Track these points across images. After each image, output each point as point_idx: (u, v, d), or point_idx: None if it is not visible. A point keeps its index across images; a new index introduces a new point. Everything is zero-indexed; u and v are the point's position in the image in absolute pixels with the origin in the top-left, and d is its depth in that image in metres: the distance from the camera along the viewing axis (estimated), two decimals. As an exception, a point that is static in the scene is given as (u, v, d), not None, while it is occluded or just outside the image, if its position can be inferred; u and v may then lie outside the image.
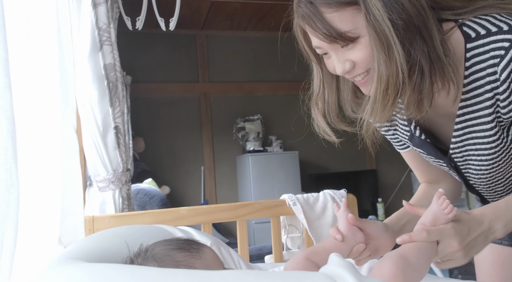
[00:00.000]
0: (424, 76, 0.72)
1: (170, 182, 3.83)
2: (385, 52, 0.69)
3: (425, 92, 0.73)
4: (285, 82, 4.41)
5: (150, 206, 2.33)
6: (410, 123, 0.89)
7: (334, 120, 0.88)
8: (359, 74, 0.77)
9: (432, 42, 0.71)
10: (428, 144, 0.88)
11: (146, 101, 3.99)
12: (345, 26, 0.71)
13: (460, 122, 0.81)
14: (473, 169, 0.87)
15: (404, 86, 0.71)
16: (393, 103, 0.73)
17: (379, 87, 0.72)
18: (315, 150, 4.41)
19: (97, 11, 1.37)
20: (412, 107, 0.75)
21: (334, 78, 0.87)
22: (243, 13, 3.84)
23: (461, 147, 0.85)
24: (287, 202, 1.50)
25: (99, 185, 1.49)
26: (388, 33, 0.69)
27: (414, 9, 0.69)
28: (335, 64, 0.77)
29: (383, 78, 0.71)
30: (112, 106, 1.50)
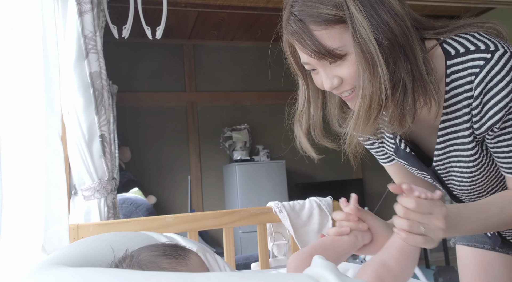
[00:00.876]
0: (407, 93, 0.74)
1: (157, 192, 3.80)
2: (370, 71, 0.71)
3: (408, 109, 0.75)
4: (272, 92, 4.45)
5: (136, 215, 2.31)
6: (395, 137, 0.91)
7: (318, 135, 0.90)
8: (346, 90, 0.79)
9: (415, 61, 0.73)
10: (412, 156, 0.90)
11: (132, 111, 3.98)
12: (334, 44, 0.73)
13: (442, 135, 0.84)
14: (456, 181, 0.89)
15: (387, 103, 0.73)
16: (376, 119, 0.75)
17: (362, 103, 0.74)
18: (302, 159, 4.42)
19: (83, 19, 1.37)
20: (395, 123, 0.76)
21: (320, 94, 0.89)
22: (230, 23, 3.88)
23: (444, 159, 0.87)
24: (273, 209, 1.50)
25: (84, 194, 1.48)
26: (373, 52, 0.70)
27: (399, 29, 0.72)
28: (323, 80, 0.79)
29: (366, 96, 0.73)
30: (98, 114, 1.49)
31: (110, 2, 1.72)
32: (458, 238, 1.15)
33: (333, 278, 0.48)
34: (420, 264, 4.08)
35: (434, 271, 3.69)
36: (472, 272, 1.08)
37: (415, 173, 0.98)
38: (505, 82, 0.72)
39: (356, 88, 0.77)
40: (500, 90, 0.72)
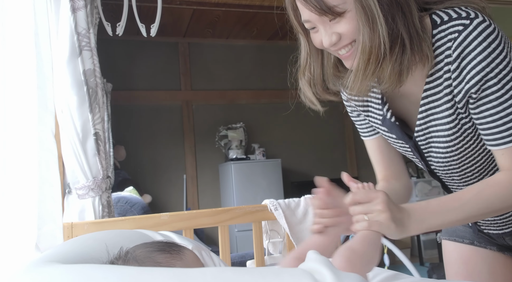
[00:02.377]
0: (405, 49, 0.78)
1: (152, 191, 3.79)
2: (369, 26, 0.76)
3: (405, 64, 0.79)
4: (268, 90, 4.44)
5: (131, 214, 2.30)
6: (384, 106, 0.94)
7: (319, 91, 0.94)
8: (344, 46, 0.82)
9: (412, 18, 0.78)
10: (397, 127, 0.93)
11: (127, 109, 3.96)
12: (334, 1, 0.77)
13: (424, 104, 0.86)
14: (434, 152, 0.91)
15: (385, 57, 0.77)
16: (374, 72, 0.79)
17: (362, 56, 0.78)
18: (298, 157, 4.44)
19: (76, 16, 1.36)
20: (393, 77, 0.80)
21: (319, 53, 0.93)
22: (226, 21, 3.87)
23: (424, 129, 0.89)
24: (269, 207, 1.50)
25: (78, 193, 1.47)
26: (373, 7, 0.75)
27: None
28: (322, 36, 0.83)
29: (366, 49, 0.77)
30: (92, 112, 1.48)
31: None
32: (442, 232, 1.16)
33: (328, 273, 0.48)
34: (414, 261, 4.10)
35: (428, 268, 3.71)
36: (454, 266, 1.10)
37: (397, 146, 0.99)
38: (482, 47, 0.75)
39: (354, 45, 0.81)
40: (476, 54, 0.76)
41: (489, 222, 1.01)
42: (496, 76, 0.76)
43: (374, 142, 1.05)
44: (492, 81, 0.76)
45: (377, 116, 0.97)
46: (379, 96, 0.94)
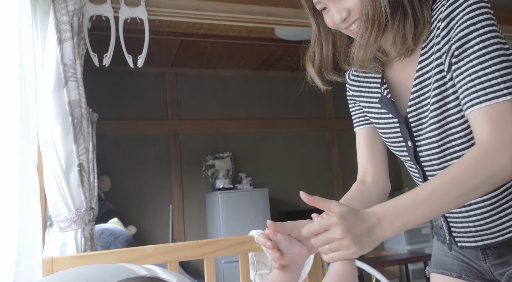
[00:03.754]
0: (407, 14, 0.84)
1: (137, 222, 3.72)
2: None
3: (408, 28, 0.84)
4: (255, 120, 4.47)
5: (114, 247, 2.24)
6: (382, 85, 0.98)
7: (329, 73, 0.98)
8: (353, 21, 0.88)
9: None
10: (392, 103, 0.95)
11: (113, 139, 3.93)
12: None
13: (418, 77, 0.89)
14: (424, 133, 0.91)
15: (387, 24, 0.83)
16: (376, 38, 0.84)
17: (365, 24, 0.84)
18: (285, 187, 4.42)
19: (62, 47, 1.37)
20: (398, 43, 0.86)
21: (330, 33, 0.98)
22: (213, 52, 3.92)
23: (417, 103, 0.91)
24: (255, 238, 1.48)
25: (60, 225, 1.43)
26: None
27: None
28: (333, 13, 0.89)
29: (369, 17, 0.83)
30: (76, 143, 1.46)
31: (92, 30, 1.72)
32: (431, 265, 1.14)
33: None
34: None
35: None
36: None
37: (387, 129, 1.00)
38: (470, 8, 0.79)
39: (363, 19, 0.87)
40: (464, 14, 0.79)
41: (463, 230, 0.99)
42: (479, 36, 0.78)
43: (365, 132, 1.07)
44: (474, 41, 0.78)
45: (373, 99, 1.01)
46: (379, 78, 0.99)
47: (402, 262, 3.64)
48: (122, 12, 1.71)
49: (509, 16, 2.40)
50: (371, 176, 1.05)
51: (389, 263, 3.71)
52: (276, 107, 4.57)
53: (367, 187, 1.02)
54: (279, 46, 3.80)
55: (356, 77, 1.07)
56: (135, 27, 1.97)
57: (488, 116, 0.75)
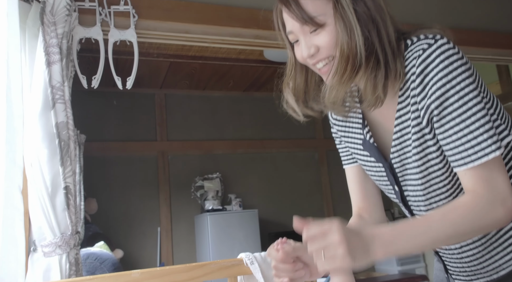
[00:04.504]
0: (379, 63, 0.83)
1: (125, 245, 3.65)
2: (348, 34, 0.82)
3: (379, 78, 0.83)
4: (244, 141, 4.47)
5: (100, 271, 2.19)
6: (364, 128, 0.97)
7: (299, 105, 0.97)
8: (321, 59, 0.87)
9: (388, 37, 0.84)
10: (375, 148, 0.95)
11: (100, 160, 3.89)
12: (315, 12, 0.84)
13: (397, 124, 0.89)
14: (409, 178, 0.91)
15: (361, 66, 0.82)
16: (349, 79, 0.83)
17: (340, 62, 0.83)
18: (275, 207, 4.40)
19: (51, 69, 1.36)
20: (369, 93, 0.84)
21: (304, 69, 0.97)
22: (202, 73, 3.94)
23: (399, 150, 0.90)
24: (245, 261, 1.46)
25: (44, 250, 1.40)
26: (351, 19, 0.82)
27: (374, 7, 0.84)
28: (302, 48, 0.88)
29: (344, 55, 0.82)
30: (63, 166, 1.44)
31: (81, 52, 1.72)
32: None
33: None
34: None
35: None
36: None
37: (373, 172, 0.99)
38: (444, 64, 0.79)
39: (331, 60, 0.86)
40: (438, 71, 0.79)
41: (458, 270, 0.99)
42: (457, 93, 0.78)
43: (354, 170, 1.07)
44: (452, 98, 0.78)
45: (357, 141, 1.00)
46: (360, 119, 0.97)
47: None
48: (112, 34, 1.72)
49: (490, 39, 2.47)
50: (366, 212, 1.05)
51: (379, 285, 3.68)
52: (265, 128, 4.58)
53: (365, 221, 1.03)
54: (268, 68, 3.84)
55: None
56: (125, 49, 1.97)
57: (479, 172, 0.78)
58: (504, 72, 3.72)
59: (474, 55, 2.47)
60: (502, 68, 3.73)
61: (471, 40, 2.42)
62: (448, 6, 2.44)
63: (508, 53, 2.53)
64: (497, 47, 2.48)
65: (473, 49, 2.42)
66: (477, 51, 2.44)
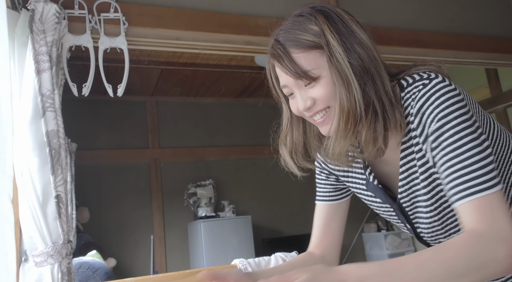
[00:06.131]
0: (377, 116, 0.82)
1: (117, 254, 3.61)
2: (346, 87, 0.80)
3: (379, 130, 0.82)
4: (237, 147, 4.47)
5: (93, 281, 2.17)
6: (366, 170, 0.95)
7: (299, 159, 0.95)
8: (318, 111, 0.85)
9: (384, 88, 0.83)
10: (381, 190, 0.93)
11: (92, 169, 3.86)
12: (309, 65, 0.82)
13: (403, 164, 0.88)
14: (420, 213, 0.90)
15: (361, 119, 0.81)
16: (353, 132, 0.82)
17: (341, 117, 0.81)
18: (268, 214, 4.39)
19: (40, 77, 1.35)
20: (369, 144, 0.83)
21: (300, 121, 0.95)
22: (194, 80, 3.94)
23: (408, 190, 0.89)
24: (238, 267, 1.45)
25: (35, 260, 1.38)
26: (347, 72, 0.80)
27: (367, 57, 0.82)
28: (298, 101, 0.86)
29: (344, 109, 0.81)
30: (54, 174, 1.43)
31: (71, 60, 1.71)
32: None
33: None
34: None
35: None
36: None
37: (382, 210, 0.98)
38: (439, 101, 0.78)
39: (328, 111, 0.84)
40: (434, 108, 0.78)
41: None
42: (453, 128, 0.76)
43: (325, 209, 1.06)
44: (448, 133, 0.77)
45: (359, 181, 0.97)
46: (361, 161, 0.95)
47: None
48: (102, 42, 1.71)
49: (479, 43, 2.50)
50: (320, 251, 1.03)
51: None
52: (257, 134, 4.59)
53: (313, 260, 0.99)
54: (259, 74, 3.85)
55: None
56: (115, 57, 1.97)
57: (478, 208, 0.73)
58: (493, 76, 3.78)
59: (464, 59, 2.50)
60: (491, 72, 3.78)
61: (460, 44, 2.45)
62: (438, 11, 2.47)
63: (497, 57, 2.56)
64: (486, 51, 2.51)
65: (462, 53, 2.45)
66: (466, 55, 2.47)
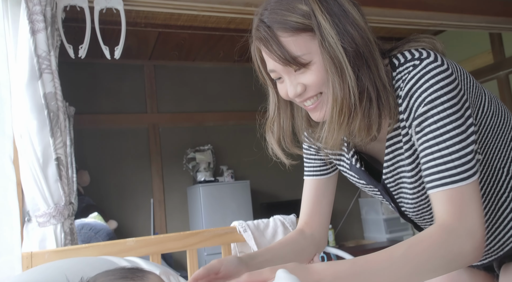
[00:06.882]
0: (372, 103, 0.77)
1: (118, 216, 3.68)
2: (339, 75, 0.74)
3: (373, 118, 0.78)
4: (235, 112, 4.46)
5: (95, 241, 2.22)
6: (349, 152, 0.92)
7: (288, 144, 0.91)
8: (309, 97, 0.80)
9: (378, 72, 0.77)
10: (363, 172, 0.91)
11: (91, 133, 3.87)
12: (299, 51, 0.76)
13: (389, 146, 0.85)
14: (405, 193, 0.89)
15: (355, 109, 0.76)
16: (347, 123, 0.77)
17: (335, 107, 0.76)
18: (266, 179, 4.44)
19: (35, 38, 1.33)
20: (363, 132, 0.79)
21: (288, 105, 0.91)
22: (192, 44, 3.88)
23: (393, 171, 0.87)
24: (238, 229, 1.48)
25: (38, 220, 1.41)
26: (341, 58, 0.74)
27: (362, 40, 0.76)
28: (287, 87, 0.81)
29: (338, 99, 0.75)
30: (53, 137, 1.43)
31: (66, 22, 1.68)
32: None
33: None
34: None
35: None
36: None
37: (367, 189, 0.97)
38: (428, 84, 0.74)
39: (321, 96, 0.80)
40: (422, 91, 0.74)
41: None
42: (438, 114, 0.73)
43: (313, 184, 1.02)
44: (432, 119, 0.74)
45: (345, 160, 0.96)
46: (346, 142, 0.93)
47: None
48: (97, 2, 1.67)
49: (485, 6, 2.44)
50: (310, 229, 1.02)
51: (369, 252, 3.75)
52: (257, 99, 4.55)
53: (303, 239, 0.99)
54: (259, 38, 3.79)
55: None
56: (111, 19, 1.93)
57: (451, 198, 0.72)
58: (497, 40, 3.71)
59: (468, 23, 2.45)
60: (495, 37, 3.71)
61: (465, 7, 2.40)
62: (440, -28, 2.41)
63: (502, 20, 2.51)
64: (491, 14, 2.46)
65: (467, 16, 2.40)
66: (471, 18, 2.42)
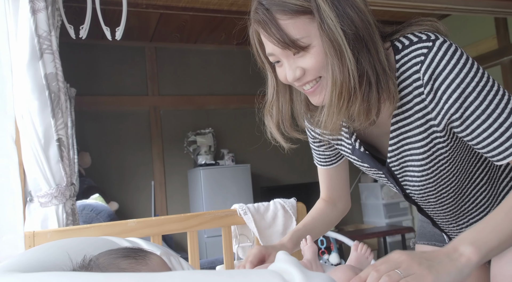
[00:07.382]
0: (371, 87, 0.77)
1: (119, 198, 3.71)
2: (338, 58, 0.74)
3: (373, 102, 0.77)
4: (237, 96, 4.44)
5: (96, 222, 2.24)
6: (351, 137, 0.92)
7: (287, 128, 0.91)
8: (308, 81, 0.80)
9: (377, 56, 0.77)
10: (367, 156, 0.92)
11: (92, 115, 3.87)
12: (298, 34, 0.75)
13: (394, 130, 0.85)
14: (410, 176, 0.89)
15: (355, 93, 0.76)
16: (347, 107, 0.77)
17: (334, 90, 0.76)
18: (267, 163, 4.45)
19: (36, 17, 1.32)
20: (362, 116, 0.78)
21: (287, 88, 0.91)
22: (193, 26, 3.85)
23: (397, 154, 0.88)
24: (238, 212, 1.49)
25: (40, 201, 1.42)
26: (340, 41, 0.73)
27: (362, 23, 0.75)
28: (286, 71, 0.80)
29: (337, 83, 0.75)
30: (54, 118, 1.43)
31: (66, 2, 1.66)
32: (417, 237, 1.16)
33: (297, 272, 0.48)
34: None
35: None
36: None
37: (371, 173, 0.98)
38: (451, 65, 0.74)
39: (321, 80, 0.79)
40: (448, 73, 0.75)
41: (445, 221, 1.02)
42: (474, 90, 0.73)
43: (326, 172, 1.10)
44: (472, 96, 0.74)
45: (347, 146, 0.96)
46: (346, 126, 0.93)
47: (380, 234, 3.76)
48: (99, -18, 1.65)
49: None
50: (333, 199, 1.11)
51: (368, 236, 3.82)
52: (258, 82, 4.53)
53: (329, 208, 1.10)
54: (261, 21, 3.75)
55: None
56: None
57: None
58: (502, 26, 3.67)
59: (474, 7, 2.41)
60: (500, 22, 3.67)
61: (470, -9, 2.37)
62: (446, -45, 2.37)
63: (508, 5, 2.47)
64: (497, -2, 2.42)
65: (472, 1, 2.36)
66: (477, 2, 2.39)
